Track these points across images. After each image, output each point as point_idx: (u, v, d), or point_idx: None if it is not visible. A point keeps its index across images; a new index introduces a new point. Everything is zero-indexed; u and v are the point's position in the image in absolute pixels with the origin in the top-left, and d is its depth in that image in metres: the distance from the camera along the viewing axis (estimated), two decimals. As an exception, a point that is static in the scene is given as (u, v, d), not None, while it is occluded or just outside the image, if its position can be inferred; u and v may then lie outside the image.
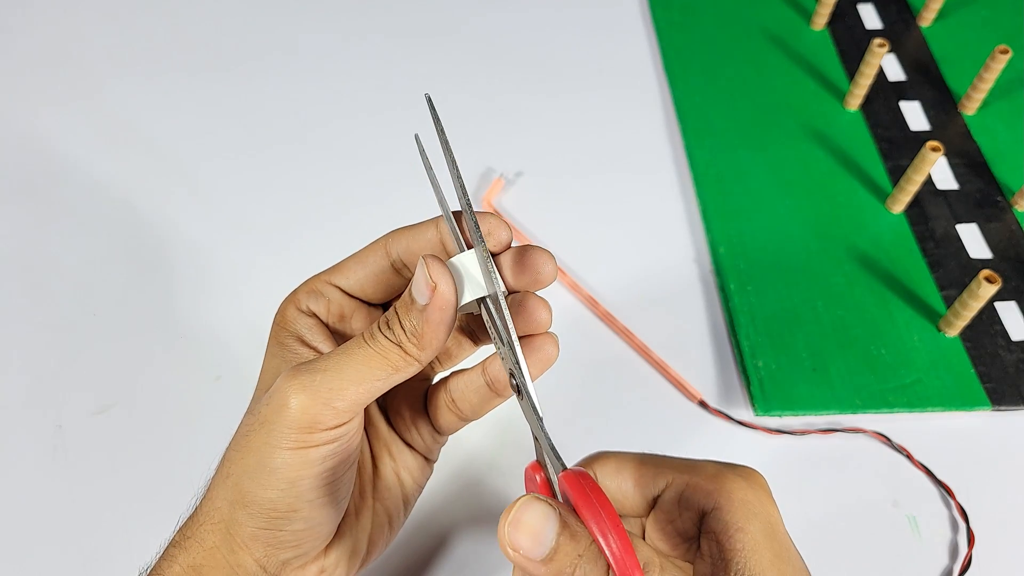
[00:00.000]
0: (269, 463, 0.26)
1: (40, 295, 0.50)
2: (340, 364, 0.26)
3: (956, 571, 0.40)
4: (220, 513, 0.28)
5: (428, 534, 0.41)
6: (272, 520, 0.27)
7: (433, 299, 0.26)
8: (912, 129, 0.57)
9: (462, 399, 0.31)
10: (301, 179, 0.56)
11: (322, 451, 0.26)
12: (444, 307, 0.26)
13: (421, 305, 0.26)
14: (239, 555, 0.28)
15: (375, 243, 0.30)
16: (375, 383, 0.26)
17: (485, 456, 0.44)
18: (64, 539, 0.41)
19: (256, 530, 0.27)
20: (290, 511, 0.27)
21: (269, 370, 0.30)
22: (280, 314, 0.30)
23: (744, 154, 0.56)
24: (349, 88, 0.61)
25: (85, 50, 0.63)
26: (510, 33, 0.65)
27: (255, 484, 0.27)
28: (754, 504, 0.27)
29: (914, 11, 0.65)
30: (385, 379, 0.27)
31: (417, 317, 0.26)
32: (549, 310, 0.28)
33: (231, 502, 0.28)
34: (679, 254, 0.52)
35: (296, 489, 0.27)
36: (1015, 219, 0.52)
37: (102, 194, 0.55)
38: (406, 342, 0.26)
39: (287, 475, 0.26)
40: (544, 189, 0.55)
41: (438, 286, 0.26)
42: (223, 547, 0.28)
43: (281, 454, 0.26)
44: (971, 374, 0.46)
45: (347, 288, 0.31)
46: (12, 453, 0.44)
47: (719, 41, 0.63)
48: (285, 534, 0.27)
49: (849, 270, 0.50)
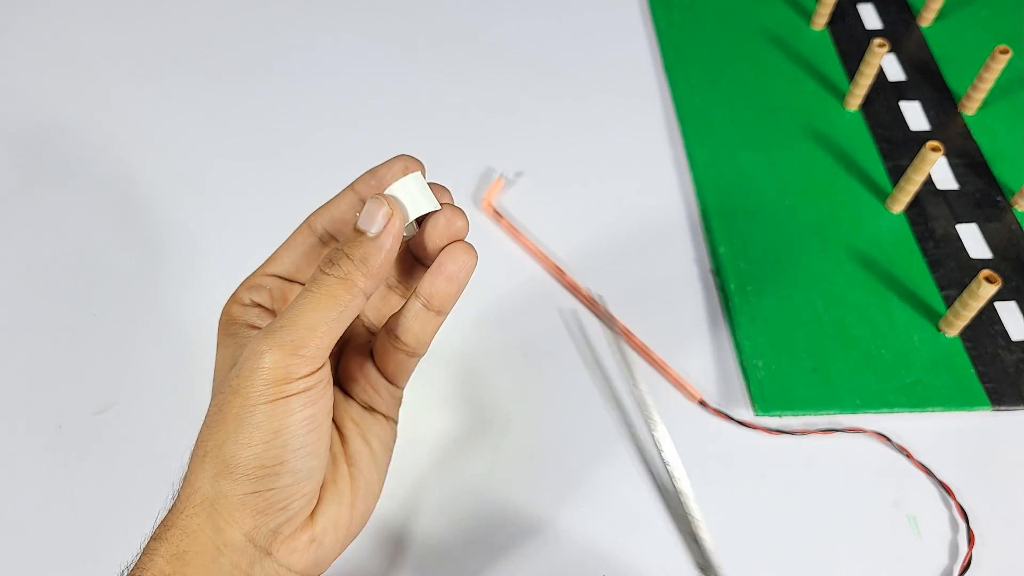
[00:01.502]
0: (250, 421, 0.27)
1: (40, 295, 0.50)
2: (295, 316, 0.28)
3: (956, 571, 0.40)
4: (201, 493, 0.28)
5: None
6: (259, 479, 0.27)
7: (387, 226, 0.28)
8: (912, 129, 0.57)
9: (404, 331, 0.31)
10: (303, 180, 0.56)
11: (301, 399, 0.27)
12: (396, 232, 0.29)
13: (374, 234, 0.28)
14: (226, 532, 0.28)
15: (299, 227, 0.33)
16: (332, 323, 0.28)
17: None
18: (64, 539, 0.41)
19: (243, 496, 0.27)
20: (276, 463, 0.27)
21: (223, 361, 0.31)
22: (225, 315, 0.32)
23: (744, 154, 0.56)
24: (350, 91, 0.61)
25: (85, 50, 0.63)
26: (510, 33, 0.65)
27: (237, 446, 0.27)
28: None
29: (914, 11, 0.65)
30: (338, 317, 0.28)
31: (370, 245, 0.28)
32: (465, 218, 0.31)
33: (213, 476, 0.28)
34: (679, 254, 0.52)
35: (280, 438, 0.27)
36: (1015, 219, 0.52)
37: (102, 194, 0.55)
38: (354, 272, 0.28)
39: (270, 427, 0.27)
40: (544, 189, 0.55)
41: (393, 213, 0.28)
42: (208, 527, 0.28)
43: (261, 409, 0.27)
44: (971, 374, 0.46)
45: (283, 274, 0.33)
46: (12, 453, 0.44)
47: (719, 41, 0.63)
48: (274, 493, 0.28)
49: (849, 270, 0.50)
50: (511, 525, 0.41)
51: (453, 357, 0.47)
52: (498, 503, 0.42)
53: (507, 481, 0.43)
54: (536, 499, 0.42)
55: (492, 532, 0.41)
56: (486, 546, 0.41)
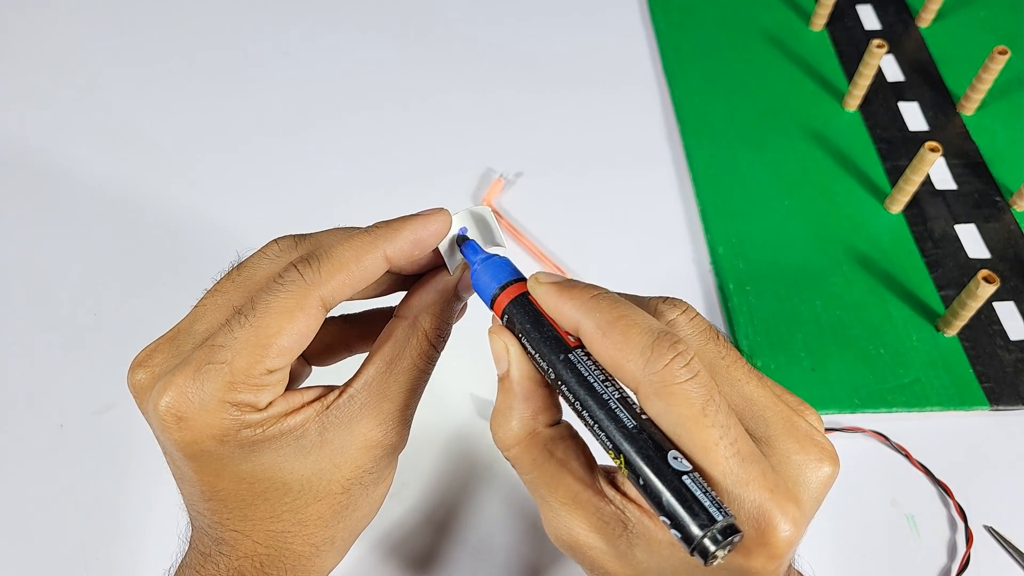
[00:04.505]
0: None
1: (40, 295, 0.50)
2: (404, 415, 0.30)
3: (954, 570, 0.40)
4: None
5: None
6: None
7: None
8: (911, 129, 0.57)
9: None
10: (302, 179, 0.56)
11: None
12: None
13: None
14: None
15: (306, 305, 0.26)
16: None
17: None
18: (65, 538, 0.41)
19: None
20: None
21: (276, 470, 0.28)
22: (215, 429, 0.26)
23: (743, 154, 0.56)
24: (350, 92, 0.61)
25: (85, 50, 0.63)
26: (511, 34, 0.65)
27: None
28: None
29: (913, 12, 0.65)
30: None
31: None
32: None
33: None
34: (678, 254, 0.52)
35: None
36: (1013, 219, 0.52)
37: (102, 194, 0.55)
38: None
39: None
40: (544, 189, 0.55)
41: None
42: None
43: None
44: (969, 374, 0.46)
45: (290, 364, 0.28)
46: (14, 452, 0.44)
47: (718, 42, 0.63)
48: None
49: (848, 270, 0.50)
50: (514, 515, 0.41)
51: (453, 357, 0.47)
52: (496, 499, 0.42)
53: (510, 472, 0.43)
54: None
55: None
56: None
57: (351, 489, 0.28)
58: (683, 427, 0.23)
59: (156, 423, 0.26)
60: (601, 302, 0.25)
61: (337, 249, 0.27)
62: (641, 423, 0.24)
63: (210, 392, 0.25)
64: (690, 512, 0.22)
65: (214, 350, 0.25)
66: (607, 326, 0.24)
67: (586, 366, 0.25)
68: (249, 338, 0.25)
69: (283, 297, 0.26)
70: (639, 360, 0.23)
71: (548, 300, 0.26)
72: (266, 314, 0.26)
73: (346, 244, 0.27)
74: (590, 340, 0.25)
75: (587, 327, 0.25)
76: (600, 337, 0.24)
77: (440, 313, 0.30)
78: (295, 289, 0.26)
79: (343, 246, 0.27)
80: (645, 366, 0.23)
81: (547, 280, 0.27)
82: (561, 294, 0.26)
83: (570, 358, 0.25)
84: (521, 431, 0.27)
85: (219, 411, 0.25)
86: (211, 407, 0.25)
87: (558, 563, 0.40)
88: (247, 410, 0.26)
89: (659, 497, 0.22)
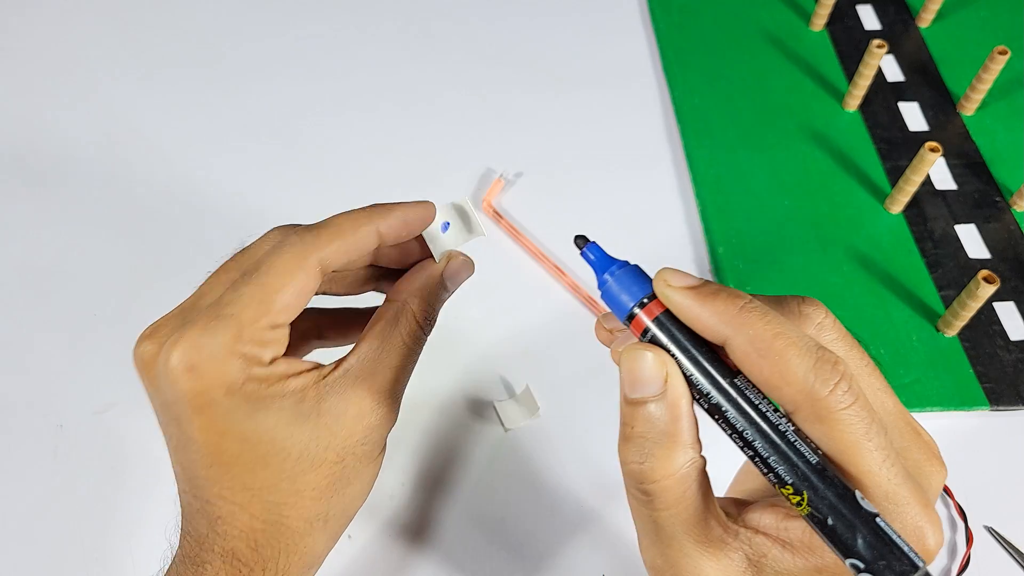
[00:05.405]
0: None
1: (40, 295, 0.50)
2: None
3: (955, 571, 0.40)
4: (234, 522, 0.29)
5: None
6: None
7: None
8: (911, 130, 0.57)
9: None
10: (302, 179, 0.56)
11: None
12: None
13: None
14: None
15: (304, 266, 0.29)
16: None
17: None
18: (64, 538, 0.41)
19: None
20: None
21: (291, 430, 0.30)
22: (225, 377, 0.27)
23: (743, 154, 0.56)
24: (350, 92, 0.61)
25: (85, 49, 0.63)
26: (511, 34, 0.65)
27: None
28: None
29: (913, 12, 0.65)
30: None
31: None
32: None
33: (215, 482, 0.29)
34: (678, 254, 0.52)
35: None
36: (1014, 219, 0.52)
37: (102, 194, 0.55)
38: None
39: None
40: (544, 189, 0.55)
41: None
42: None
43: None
44: (969, 374, 0.46)
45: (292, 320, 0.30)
46: (13, 452, 0.44)
47: (718, 42, 0.63)
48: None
49: (848, 270, 0.50)
50: (510, 520, 0.41)
51: (453, 357, 0.47)
52: (496, 496, 0.42)
53: (507, 475, 0.43)
54: (525, 495, 0.42)
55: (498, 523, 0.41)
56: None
57: (345, 459, 0.30)
58: (846, 453, 0.22)
59: (166, 379, 0.27)
60: (752, 315, 0.23)
61: (335, 219, 0.30)
62: (820, 457, 0.22)
63: (220, 342, 0.27)
64: (891, 557, 0.21)
65: (221, 306, 0.28)
66: (763, 345, 0.22)
67: (753, 392, 0.23)
68: (255, 294, 0.28)
69: (285, 257, 0.28)
70: (802, 384, 0.22)
71: (688, 310, 0.24)
72: (269, 272, 0.28)
73: (343, 215, 0.30)
74: (742, 358, 0.23)
75: (739, 343, 0.23)
76: (756, 357, 0.23)
77: (427, 297, 0.32)
78: (296, 250, 0.28)
79: (341, 217, 0.30)
80: (809, 391, 0.22)
81: (680, 284, 0.25)
82: (704, 304, 0.24)
83: (736, 383, 0.24)
84: (684, 461, 0.24)
85: (228, 360, 0.27)
86: (220, 356, 0.27)
87: (559, 563, 0.40)
88: (253, 362, 0.28)
89: (851, 540, 0.21)
